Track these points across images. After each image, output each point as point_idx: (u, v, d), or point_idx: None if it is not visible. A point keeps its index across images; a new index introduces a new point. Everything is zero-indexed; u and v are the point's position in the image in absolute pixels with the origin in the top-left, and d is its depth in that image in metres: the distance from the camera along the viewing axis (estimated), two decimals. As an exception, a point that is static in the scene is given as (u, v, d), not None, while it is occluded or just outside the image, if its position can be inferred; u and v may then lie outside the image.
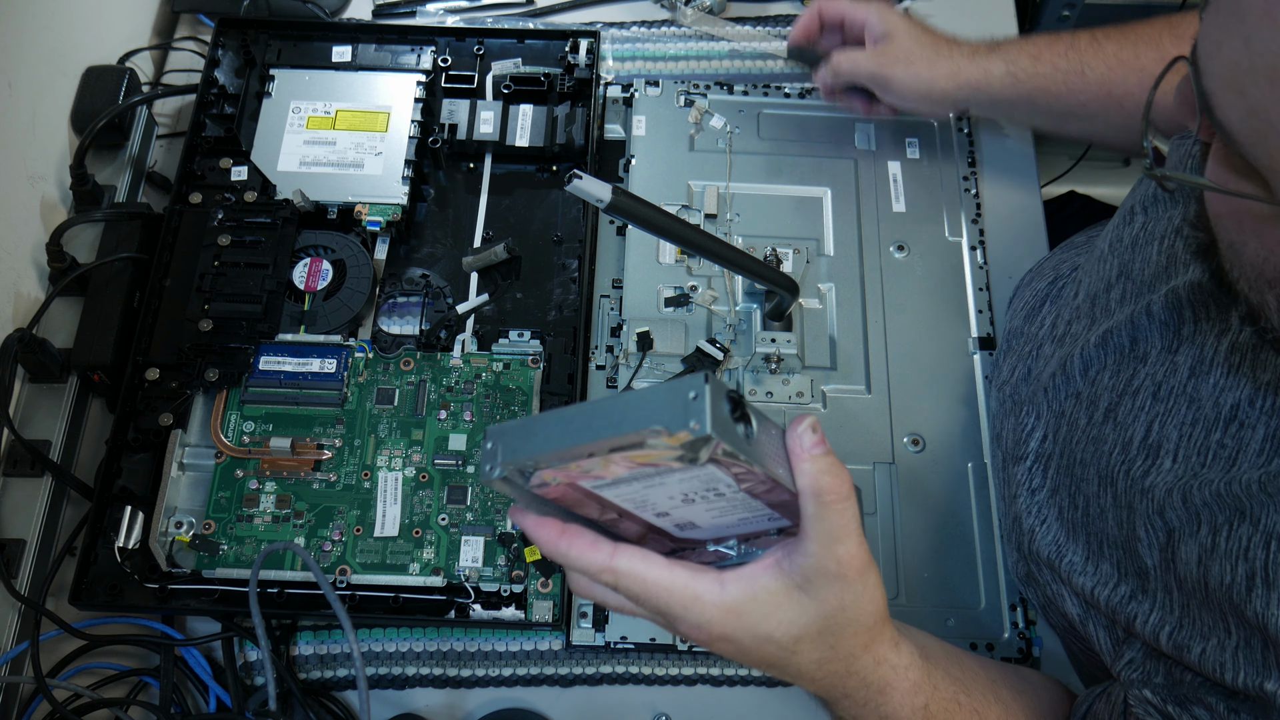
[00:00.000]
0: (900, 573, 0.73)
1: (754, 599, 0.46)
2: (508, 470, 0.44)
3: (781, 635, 0.47)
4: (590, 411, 0.42)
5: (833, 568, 0.46)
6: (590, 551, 0.47)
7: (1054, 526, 0.63)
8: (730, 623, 0.47)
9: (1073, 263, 0.75)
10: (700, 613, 0.46)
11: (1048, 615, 0.68)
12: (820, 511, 0.45)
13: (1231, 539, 0.49)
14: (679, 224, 0.64)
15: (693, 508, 0.47)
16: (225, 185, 0.83)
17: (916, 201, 0.87)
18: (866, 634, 0.49)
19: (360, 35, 0.89)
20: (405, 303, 0.80)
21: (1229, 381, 0.53)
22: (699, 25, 0.87)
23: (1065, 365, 0.64)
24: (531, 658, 0.73)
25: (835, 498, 0.44)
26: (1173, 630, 0.52)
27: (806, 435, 0.44)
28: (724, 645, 0.48)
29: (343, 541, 0.72)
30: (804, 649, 0.48)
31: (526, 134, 0.86)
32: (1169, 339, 0.57)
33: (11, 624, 0.71)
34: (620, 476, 0.44)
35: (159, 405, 0.75)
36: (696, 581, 0.46)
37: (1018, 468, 0.67)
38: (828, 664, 0.49)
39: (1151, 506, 0.54)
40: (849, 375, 0.80)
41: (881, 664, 0.50)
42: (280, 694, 0.68)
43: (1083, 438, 0.62)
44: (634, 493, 0.46)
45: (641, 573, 0.46)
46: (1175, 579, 0.53)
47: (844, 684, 0.50)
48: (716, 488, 0.45)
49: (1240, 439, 0.51)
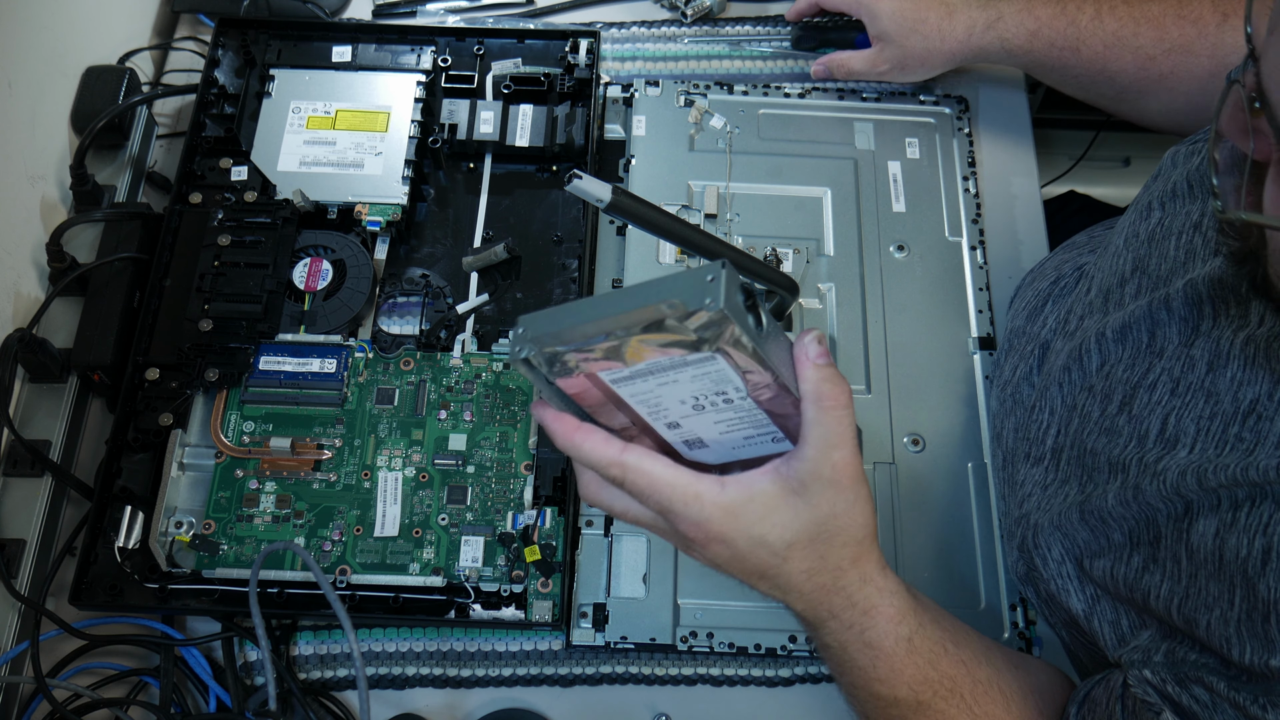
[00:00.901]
0: (900, 573, 0.72)
1: (751, 500, 0.49)
2: (534, 350, 0.46)
3: (775, 539, 0.49)
4: (615, 294, 0.44)
5: (827, 472, 0.48)
6: (603, 445, 0.49)
7: (1060, 517, 0.63)
8: (727, 523, 0.49)
9: (1075, 263, 0.75)
10: (699, 510, 0.48)
11: (1049, 613, 0.68)
12: (819, 416, 0.47)
13: (1253, 514, 0.49)
14: (679, 224, 0.64)
15: (702, 417, 0.49)
16: (225, 185, 0.83)
17: (916, 201, 0.87)
18: (855, 547, 0.50)
19: (360, 35, 0.89)
20: (405, 303, 0.80)
21: (1247, 375, 0.52)
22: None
23: (1080, 359, 0.64)
24: (531, 658, 0.73)
25: (834, 404, 0.47)
26: (1181, 601, 0.52)
27: (812, 345, 0.47)
28: (719, 548, 0.50)
29: (343, 541, 0.72)
30: (795, 555, 0.50)
31: (526, 134, 0.86)
32: (1186, 334, 0.57)
33: (11, 624, 0.71)
34: (637, 368, 0.46)
35: (159, 405, 0.75)
36: (699, 481, 0.49)
37: (1035, 469, 0.67)
38: (816, 575, 0.51)
39: (1163, 488, 0.54)
40: (849, 375, 0.79)
41: (867, 583, 0.52)
42: (280, 694, 0.68)
43: (1095, 429, 0.62)
44: (648, 392, 0.48)
45: (648, 468, 0.49)
46: (1186, 549, 0.53)
47: (830, 600, 0.52)
48: (725, 391, 0.47)
49: (1259, 431, 0.51)
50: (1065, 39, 0.78)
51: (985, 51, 0.82)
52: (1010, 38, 0.80)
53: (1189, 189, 0.62)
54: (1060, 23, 0.78)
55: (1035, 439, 0.68)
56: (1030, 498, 0.66)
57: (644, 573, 0.73)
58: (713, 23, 0.98)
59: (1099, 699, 0.56)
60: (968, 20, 0.81)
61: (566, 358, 0.46)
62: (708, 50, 0.96)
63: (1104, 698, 0.55)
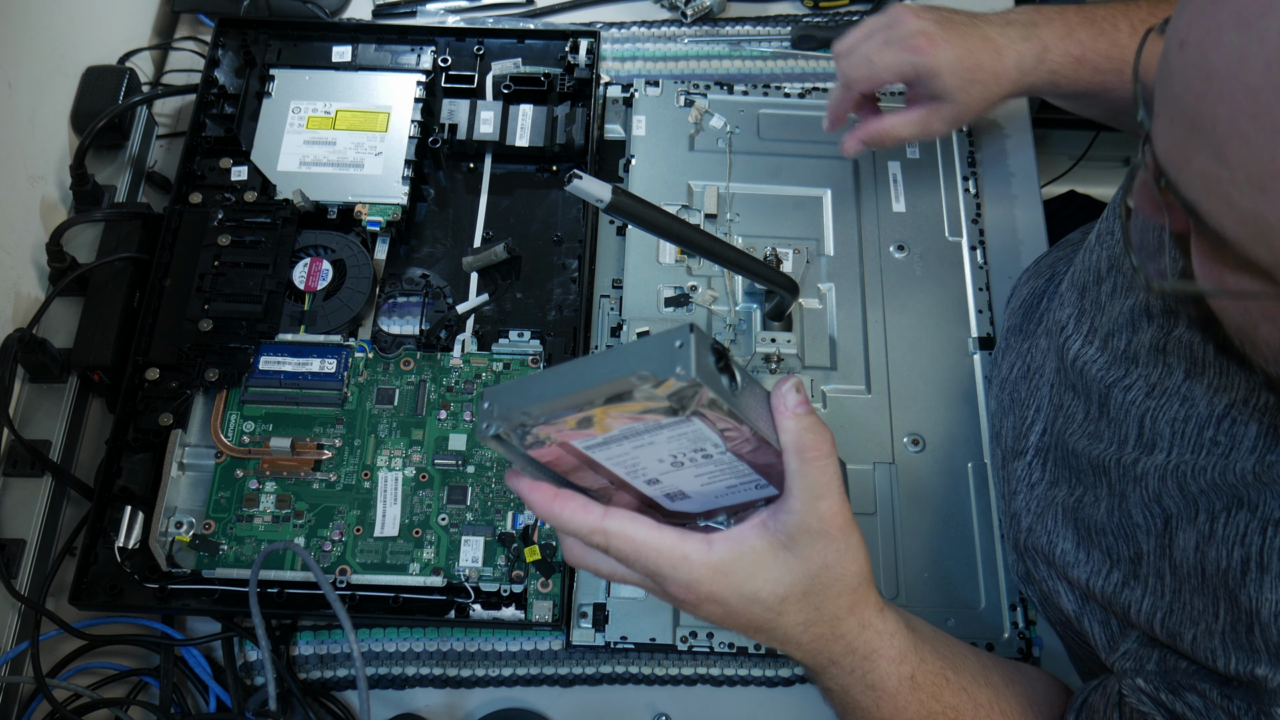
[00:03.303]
0: (900, 573, 0.73)
1: (740, 557, 0.48)
2: (503, 427, 0.45)
3: (767, 594, 0.48)
4: (581, 365, 0.43)
5: (815, 524, 0.47)
6: (582, 513, 0.48)
7: (1048, 518, 0.63)
8: (717, 581, 0.48)
9: (1069, 260, 0.75)
10: (688, 572, 0.48)
11: (1046, 612, 0.68)
12: (803, 468, 0.46)
13: (1229, 525, 0.49)
14: (679, 224, 0.64)
15: (681, 472, 0.48)
16: (225, 185, 0.83)
17: (916, 201, 0.87)
18: (851, 595, 0.49)
19: (360, 35, 0.89)
20: (405, 303, 0.80)
21: (1223, 382, 0.53)
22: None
23: (1062, 359, 0.64)
24: (531, 658, 0.73)
25: (817, 454, 0.46)
26: (1164, 616, 0.52)
27: (790, 394, 0.46)
28: (712, 607, 0.49)
29: (343, 541, 0.72)
30: (789, 609, 0.49)
31: (526, 134, 0.86)
32: (1161, 339, 0.57)
33: (11, 624, 0.71)
34: (611, 434, 0.45)
35: (159, 405, 0.75)
36: (685, 541, 0.48)
37: (1018, 463, 0.67)
38: (813, 626, 0.50)
39: (1146, 494, 0.54)
40: (849, 375, 0.80)
41: (866, 628, 0.51)
42: (280, 694, 0.68)
43: (1079, 431, 0.62)
44: (624, 454, 0.47)
45: (631, 533, 0.48)
46: (1169, 564, 0.53)
47: (830, 649, 0.51)
48: (704, 448, 0.46)
49: (1234, 435, 0.51)
50: (1109, 61, 0.73)
51: (1035, 89, 0.75)
52: (1058, 68, 0.73)
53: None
54: (1102, 43, 0.73)
55: (1021, 434, 0.68)
56: (1017, 495, 0.67)
57: (644, 573, 0.73)
58: (713, 23, 0.98)
59: (1096, 705, 0.56)
60: (1017, 57, 0.73)
61: (537, 430, 0.45)
62: (708, 50, 0.96)
63: (1101, 704, 0.55)
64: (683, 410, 0.42)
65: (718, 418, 0.43)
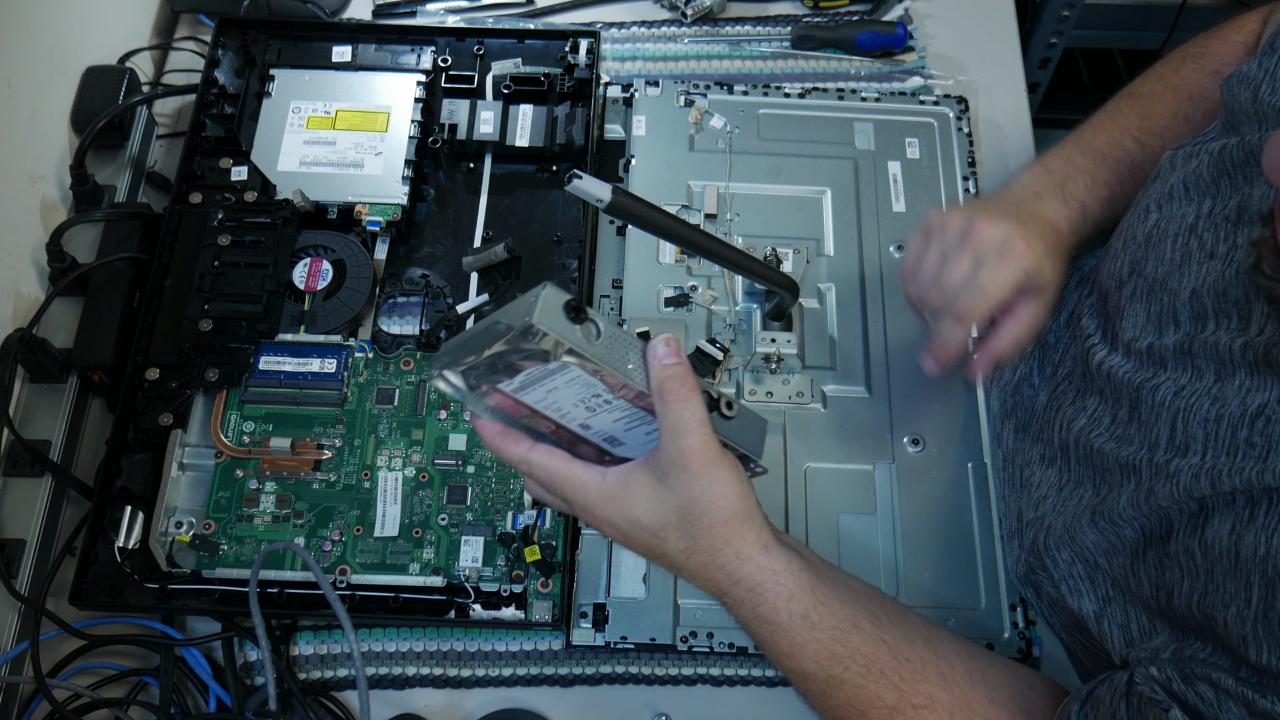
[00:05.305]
0: (900, 573, 0.73)
1: (625, 486, 0.55)
2: (437, 374, 0.53)
3: (649, 520, 0.54)
4: (483, 322, 0.50)
5: (679, 460, 0.52)
6: (513, 444, 0.56)
7: (1074, 516, 0.63)
8: (608, 506, 0.55)
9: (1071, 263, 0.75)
10: (586, 497, 0.55)
11: (1052, 614, 0.68)
12: (664, 409, 0.52)
13: (1271, 513, 0.49)
14: (679, 224, 0.64)
15: (599, 416, 0.55)
16: (225, 185, 0.83)
17: (916, 201, 0.87)
18: (723, 528, 0.54)
19: (360, 35, 0.89)
20: (405, 303, 0.80)
21: (1254, 382, 0.53)
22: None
23: (1087, 365, 0.64)
24: (531, 658, 0.73)
25: (674, 397, 0.51)
26: (1200, 598, 0.53)
27: (659, 347, 0.52)
28: (609, 529, 0.56)
29: (343, 541, 0.72)
30: (670, 536, 0.55)
31: (526, 134, 0.86)
32: (1187, 343, 0.57)
33: (11, 624, 0.71)
34: (517, 380, 0.51)
35: (159, 405, 0.75)
36: (585, 471, 0.55)
37: (1049, 470, 0.67)
38: (694, 555, 0.55)
39: (1176, 490, 0.54)
40: (849, 375, 0.80)
41: (746, 562, 0.55)
42: (280, 694, 0.68)
43: (1106, 435, 0.62)
44: (543, 399, 0.53)
45: (545, 461, 0.56)
46: (1200, 544, 0.53)
47: (714, 577, 0.56)
48: (599, 394, 0.53)
49: (1269, 435, 0.51)
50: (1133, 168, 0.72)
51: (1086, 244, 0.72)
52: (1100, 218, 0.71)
53: (1185, 192, 0.62)
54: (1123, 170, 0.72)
55: (1047, 439, 0.68)
56: (1046, 499, 0.66)
57: (644, 573, 0.73)
58: (713, 23, 0.98)
59: (1102, 697, 0.56)
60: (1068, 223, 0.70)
61: (470, 378, 0.52)
62: (708, 50, 0.96)
63: (1108, 696, 0.55)
64: (551, 355, 0.48)
65: (585, 364, 0.49)
